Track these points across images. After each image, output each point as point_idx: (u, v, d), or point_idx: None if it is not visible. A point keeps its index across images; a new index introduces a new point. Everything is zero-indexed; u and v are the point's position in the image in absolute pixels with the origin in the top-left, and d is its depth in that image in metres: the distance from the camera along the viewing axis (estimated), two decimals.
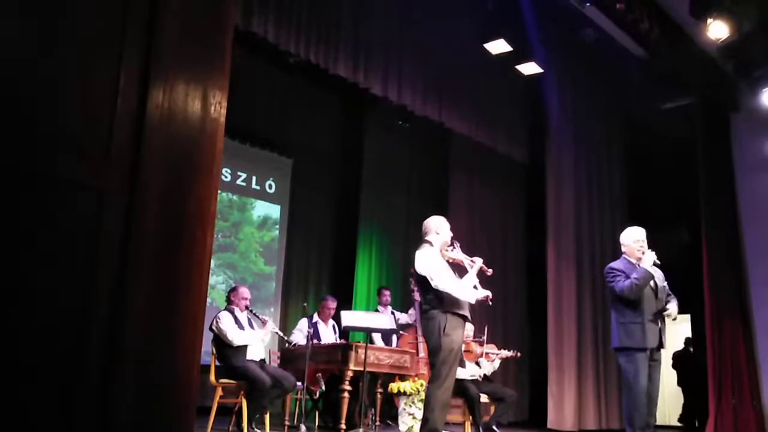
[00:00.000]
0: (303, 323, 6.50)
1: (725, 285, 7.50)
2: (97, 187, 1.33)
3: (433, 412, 4.14)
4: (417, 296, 6.85)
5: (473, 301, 4.34)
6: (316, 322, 6.50)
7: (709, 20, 6.78)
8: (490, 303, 4.42)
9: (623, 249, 4.79)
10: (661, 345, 4.61)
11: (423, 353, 6.51)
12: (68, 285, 1.27)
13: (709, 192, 7.85)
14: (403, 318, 7.34)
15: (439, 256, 4.44)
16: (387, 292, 7.65)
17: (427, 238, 4.53)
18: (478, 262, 4.50)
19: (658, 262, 4.60)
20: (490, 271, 4.52)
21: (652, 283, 4.61)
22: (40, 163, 1.27)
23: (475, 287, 4.40)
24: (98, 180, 1.34)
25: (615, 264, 4.73)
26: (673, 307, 4.71)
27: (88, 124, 1.35)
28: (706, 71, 7.80)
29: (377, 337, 6.88)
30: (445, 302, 4.24)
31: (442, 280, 4.25)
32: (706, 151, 7.95)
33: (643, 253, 4.64)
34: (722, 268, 7.55)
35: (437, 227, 4.54)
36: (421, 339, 6.76)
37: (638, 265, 4.63)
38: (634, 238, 4.75)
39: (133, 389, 1.34)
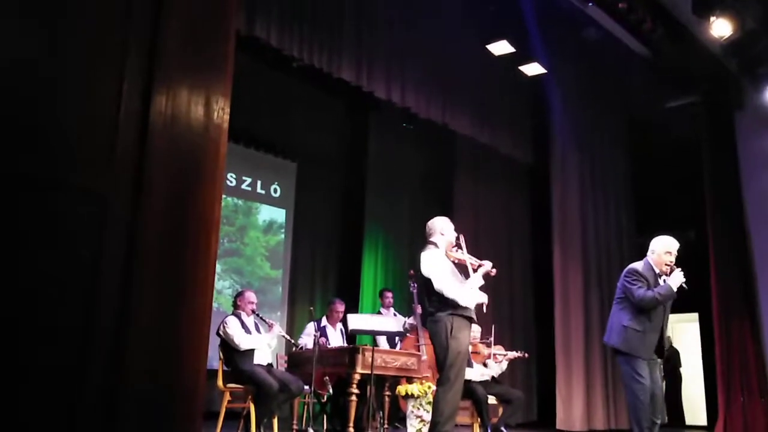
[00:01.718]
0: (310, 327, 6.48)
1: (732, 283, 7.48)
2: (100, 192, 1.34)
3: (443, 416, 4.09)
4: (417, 299, 6.83)
5: (472, 306, 4.29)
6: (324, 326, 6.49)
7: (713, 18, 6.77)
8: (485, 310, 4.37)
9: (651, 255, 4.64)
10: (660, 355, 4.56)
11: (425, 356, 6.49)
12: (70, 292, 1.27)
13: (715, 190, 7.83)
14: (408, 322, 7.29)
15: (444, 257, 4.41)
16: (389, 294, 7.60)
17: (431, 239, 4.50)
18: (486, 265, 4.45)
19: (686, 287, 4.48)
20: (494, 272, 4.49)
21: None
22: (42, 167, 1.27)
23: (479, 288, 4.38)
24: (101, 185, 1.34)
25: (639, 267, 4.59)
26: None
27: (91, 128, 1.36)
28: (709, 69, 7.79)
29: (382, 340, 6.86)
30: (450, 304, 4.21)
31: (445, 284, 4.22)
32: (711, 149, 7.94)
33: (671, 269, 4.51)
34: (729, 266, 7.53)
35: (442, 228, 4.50)
36: (424, 341, 6.74)
37: (664, 279, 4.53)
38: (666, 249, 4.58)
39: (139, 396, 1.34)
